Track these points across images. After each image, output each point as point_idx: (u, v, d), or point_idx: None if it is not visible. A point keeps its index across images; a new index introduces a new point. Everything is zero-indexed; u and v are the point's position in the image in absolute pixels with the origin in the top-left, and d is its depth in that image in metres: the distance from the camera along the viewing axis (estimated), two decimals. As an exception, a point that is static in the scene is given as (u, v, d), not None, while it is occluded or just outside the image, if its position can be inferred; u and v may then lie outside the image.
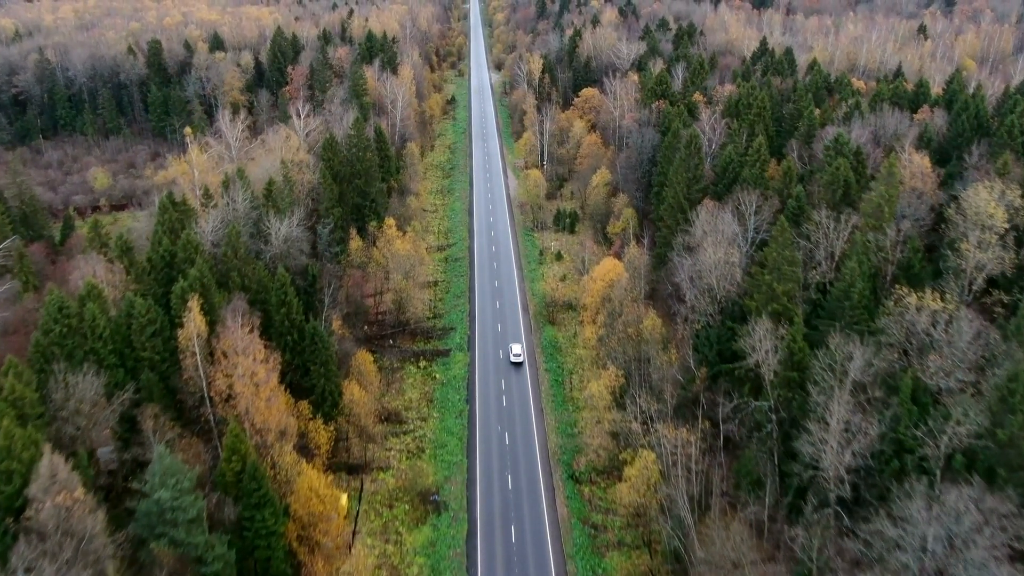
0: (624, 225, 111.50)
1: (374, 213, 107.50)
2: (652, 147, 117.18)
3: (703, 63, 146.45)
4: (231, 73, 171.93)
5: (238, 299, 59.98)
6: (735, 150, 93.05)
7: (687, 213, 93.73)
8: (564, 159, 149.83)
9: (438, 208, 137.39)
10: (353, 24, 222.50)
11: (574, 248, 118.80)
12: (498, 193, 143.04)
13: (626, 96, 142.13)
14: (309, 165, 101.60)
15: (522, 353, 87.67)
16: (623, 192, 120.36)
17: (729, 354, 65.49)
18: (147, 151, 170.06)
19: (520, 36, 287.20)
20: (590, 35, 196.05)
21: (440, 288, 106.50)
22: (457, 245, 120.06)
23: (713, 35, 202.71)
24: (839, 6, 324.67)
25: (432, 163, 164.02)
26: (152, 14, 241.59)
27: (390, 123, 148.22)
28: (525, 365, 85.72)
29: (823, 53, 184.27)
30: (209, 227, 74.16)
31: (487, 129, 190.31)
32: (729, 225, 73.00)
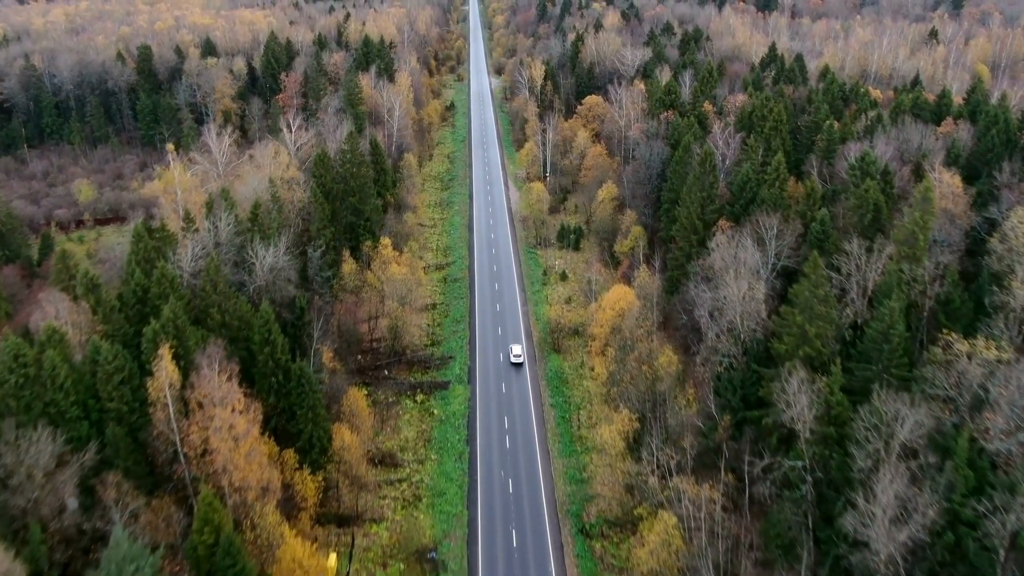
0: (632, 244, 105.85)
1: (369, 232, 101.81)
2: (661, 161, 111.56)
3: (712, 71, 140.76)
4: (222, 80, 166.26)
5: (214, 345, 54.22)
6: (752, 168, 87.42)
7: (701, 234, 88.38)
8: (567, 170, 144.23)
9: (436, 223, 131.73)
10: (349, 28, 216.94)
11: (579, 267, 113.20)
12: (499, 206, 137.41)
13: (632, 106, 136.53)
14: (300, 182, 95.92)
15: (522, 354, 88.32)
16: (630, 208, 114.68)
17: (755, 399, 59.88)
18: (135, 161, 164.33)
19: (520, 40, 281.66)
20: (593, 40, 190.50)
21: (439, 311, 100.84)
22: (456, 263, 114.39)
23: (720, 40, 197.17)
24: (844, 9, 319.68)
25: (430, 173, 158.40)
26: (144, 18, 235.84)
27: (387, 133, 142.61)
28: (530, 401, 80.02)
29: (833, 59, 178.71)
30: (188, 256, 68.45)
31: (487, 137, 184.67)
32: (751, 255, 67.26)
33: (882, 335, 55.75)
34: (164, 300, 61.56)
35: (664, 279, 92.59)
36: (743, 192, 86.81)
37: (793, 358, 56.15)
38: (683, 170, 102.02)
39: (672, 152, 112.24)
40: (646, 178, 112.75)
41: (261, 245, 72.79)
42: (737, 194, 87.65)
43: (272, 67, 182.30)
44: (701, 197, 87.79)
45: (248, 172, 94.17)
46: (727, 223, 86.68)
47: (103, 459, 52.28)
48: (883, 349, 55.68)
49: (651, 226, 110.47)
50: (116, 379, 53.49)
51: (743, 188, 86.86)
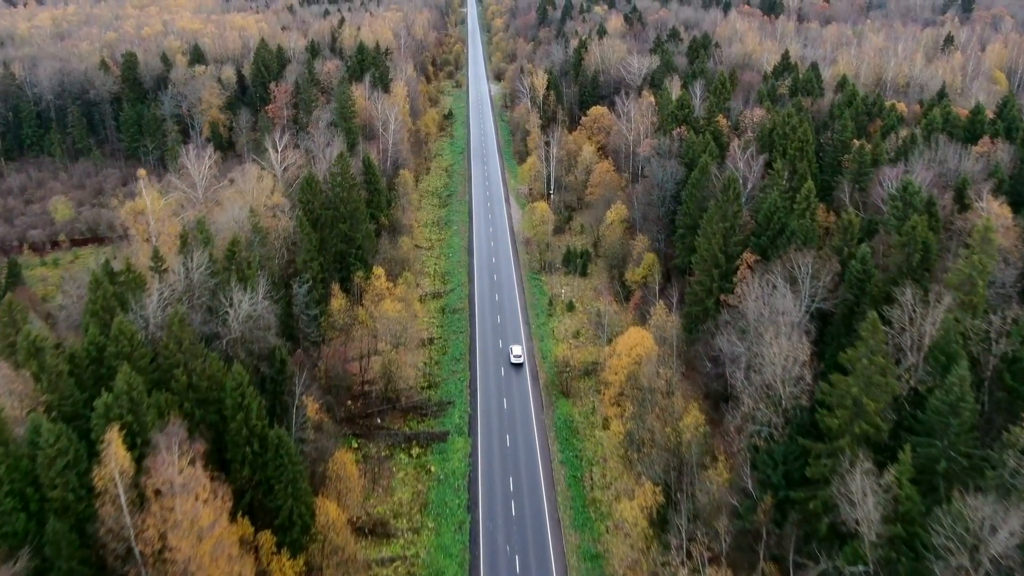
0: (645, 273, 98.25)
1: (361, 261, 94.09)
2: (675, 182, 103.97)
3: (724, 81, 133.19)
4: (209, 90, 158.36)
5: (175, 425, 46.50)
6: (779, 196, 79.83)
7: (723, 268, 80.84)
8: (572, 186, 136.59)
9: (434, 244, 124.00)
10: (344, 34, 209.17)
11: (587, 295, 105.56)
12: (500, 226, 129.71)
13: (641, 119, 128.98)
14: (285, 209, 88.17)
15: (522, 355, 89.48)
16: (642, 232, 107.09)
17: (799, 477, 52.25)
18: (118, 175, 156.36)
19: (520, 44, 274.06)
20: (597, 46, 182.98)
21: (436, 348, 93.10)
22: (456, 292, 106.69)
23: (728, 47, 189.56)
24: (851, 12, 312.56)
25: (428, 189, 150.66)
26: (131, 23, 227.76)
27: (381, 148, 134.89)
28: (538, 457, 72.27)
29: (848, 67, 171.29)
30: (155, 303, 60.68)
31: (487, 148, 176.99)
32: (790, 305, 59.65)
33: (949, 407, 48.15)
34: (123, 360, 53.94)
35: (682, 315, 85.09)
36: (770, 223, 79.20)
37: (846, 434, 48.53)
38: (700, 193, 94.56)
39: (687, 172, 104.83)
40: (658, 200, 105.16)
41: (238, 288, 65.02)
42: (763, 224, 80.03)
43: (262, 76, 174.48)
44: (723, 227, 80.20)
45: (229, 198, 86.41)
46: (752, 256, 79.22)
47: (43, 559, 44.64)
48: (950, 424, 48.12)
49: (664, 252, 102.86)
50: (59, 464, 45.67)
51: (770, 218, 79.25)
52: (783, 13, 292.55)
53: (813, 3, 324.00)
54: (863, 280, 67.53)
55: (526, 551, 61.25)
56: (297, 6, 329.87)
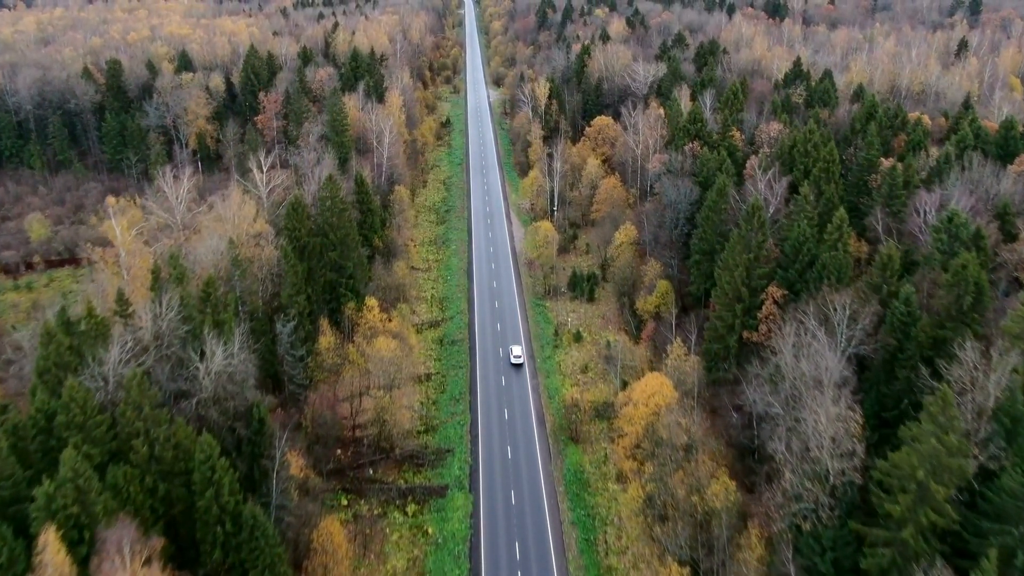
0: (658, 302, 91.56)
1: (352, 291, 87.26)
2: (689, 202, 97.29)
3: (737, 91, 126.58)
4: (196, 99, 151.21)
5: (124, 525, 39.66)
6: (808, 225, 73.10)
7: (747, 302, 74.16)
8: (577, 201, 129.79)
9: (431, 265, 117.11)
10: (337, 39, 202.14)
11: (595, 323, 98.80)
12: (501, 245, 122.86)
13: (650, 131, 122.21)
14: (270, 237, 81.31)
15: (522, 355, 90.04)
16: (653, 256, 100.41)
17: (850, 566, 45.50)
18: (99, 189, 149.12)
19: (520, 48, 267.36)
20: (600, 52, 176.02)
21: (434, 384, 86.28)
22: (455, 320, 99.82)
23: (737, 53, 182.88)
24: (856, 14, 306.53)
25: (425, 203, 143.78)
26: (117, 28, 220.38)
27: (375, 162, 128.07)
28: (547, 517, 65.42)
29: (861, 74, 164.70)
30: (115, 358, 53.78)
31: (486, 159, 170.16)
32: (832, 361, 52.93)
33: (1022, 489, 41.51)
34: (75, 431, 47.15)
35: (700, 352, 78.41)
36: (798, 254, 72.46)
37: (909, 523, 41.81)
38: (717, 217, 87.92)
39: (701, 192, 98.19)
40: (671, 222, 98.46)
41: (212, 336, 58.14)
42: (790, 256, 73.28)
43: (252, 84, 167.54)
44: (747, 259, 73.48)
45: (208, 226, 79.49)
46: (778, 290, 72.60)
47: None
48: None
49: (678, 278, 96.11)
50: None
51: (798, 249, 72.50)
52: (788, 16, 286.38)
53: (818, 5, 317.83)
54: (907, 323, 60.94)
55: (535, 636, 54.52)
56: (291, 9, 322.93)
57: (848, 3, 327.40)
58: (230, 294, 64.63)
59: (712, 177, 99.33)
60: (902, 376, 60.41)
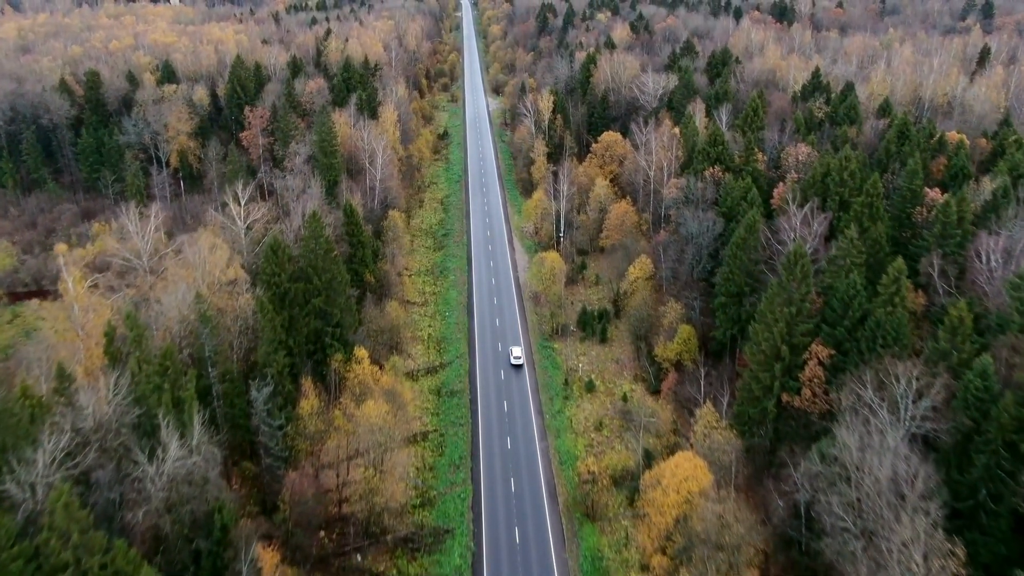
0: (680, 349, 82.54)
1: (339, 341, 78.11)
2: (711, 236, 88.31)
3: (757, 107, 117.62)
4: (177, 114, 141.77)
5: None
6: (857, 277, 64.04)
7: (787, 361, 65.12)
8: (584, 226, 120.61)
9: (428, 299, 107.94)
10: (330, 47, 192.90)
11: (608, 369, 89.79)
12: (504, 275, 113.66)
13: (664, 153, 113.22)
14: (245, 285, 72.13)
15: (522, 356, 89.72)
16: (671, 295, 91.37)
17: None
18: (74, 211, 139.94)
19: (520, 55, 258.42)
20: (606, 62, 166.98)
21: (431, 445, 77.17)
22: (454, 367, 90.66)
23: (749, 61, 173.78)
24: (866, 18, 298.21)
25: (421, 226, 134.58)
26: (100, 36, 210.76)
27: (367, 186, 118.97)
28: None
29: (882, 85, 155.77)
30: (47, 458, 44.58)
31: (486, 176, 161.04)
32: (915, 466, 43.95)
33: None
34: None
35: (732, 414, 69.38)
36: (847, 310, 63.41)
37: None
38: (745, 256, 78.97)
39: (726, 224, 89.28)
40: (693, 259, 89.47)
41: (168, 420, 48.97)
42: (838, 311, 64.19)
43: (238, 97, 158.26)
44: (788, 313, 64.41)
45: (175, 273, 70.27)
46: (824, 349, 63.62)
47: None
48: None
49: (700, 321, 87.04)
50: None
51: (847, 305, 63.45)
52: (797, 20, 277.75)
53: (826, 8, 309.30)
54: (984, 400, 52.03)
55: None
56: (283, 13, 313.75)
57: (857, 6, 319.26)
58: (191, 371, 55.31)
59: (736, 207, 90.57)
60: (980, 463, 51.61)
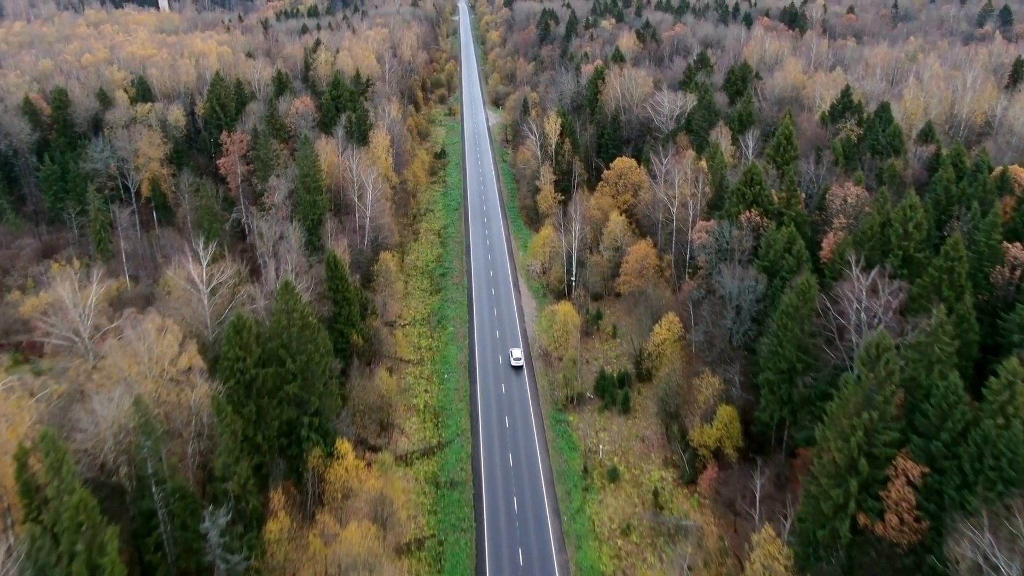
0: (720, 435, 70.23)
1: (318, 431, 65.65)
2: (753, 297, 76.01)
3: (790, 135, 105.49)
4: (147, 139, 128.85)
5: None
6: (954, 378, 51.71)
7: (865, 476, 52.82)
8: (598, 266, 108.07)
9: (424, 356, 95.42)
10: (319, 60, 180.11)
11: (633, 449, 77.44)
12: (509, 325, 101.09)
13: (688, 188, 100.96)
14: (201, 375, 59.63)
15: (522, 358, 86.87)
16: (706, 365, 79.08)
17: None
18: (35, 246, 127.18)
19: (521, 64, 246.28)
20: (616, 77, 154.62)
21: (428, 558, 64.55)
22: (454, 446, 78.13)
23: (770, 76, 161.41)
24: (879, 24, 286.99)
25: (416, 264, 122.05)
26: (74, 47, 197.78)
27: (357, 222, 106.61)
28: None
29: (915, 104, 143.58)
30: None
31: (487, 203, 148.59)
32: None
33: None
34: None
35: (793, 534, 57.10)
36: (944, 420, 51.13)
37: None
38: (796, 326, 66.76)
39: (768, 280, 77.01)
40: (732, 323, 77.14)
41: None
42: (934, 421, 51.85)
43: (218, 117, 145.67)
44: (868, 419, 52.11)
45: (115, 364, 57.69)
46: (914, 466, 51.41)
47: None
48: None
49: (742, 398, 74.62)
50: None
51: (944, 413, 51.17)
52: (808, 27, 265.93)
53: (838, 15, 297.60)
54: None
55: None
56: (273, 21, 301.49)
57: (869, 12, 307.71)
58: (111, 530, 42.64)
59: (779, 261, 78.38)
60: None
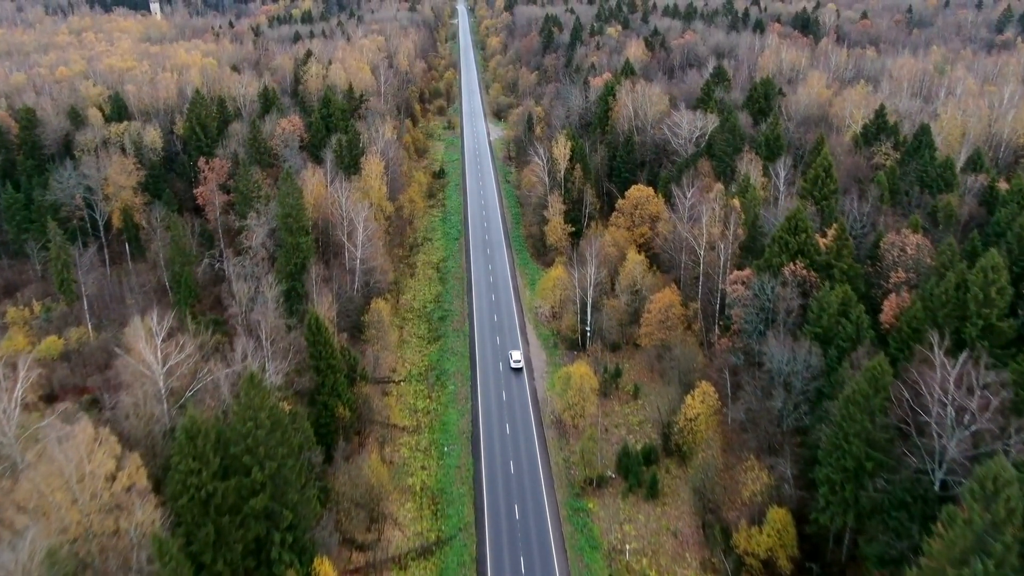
0: (771, 542, 59.06)
1: (292, 550, 54.41)
2: (808, 374, 64.83)
3: (830, 166, 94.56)
4: (117, 166, 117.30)
5: None
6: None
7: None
8: (614, 311, 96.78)
9: (421, 422, 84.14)
10: (309, 73, 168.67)
11: (665, 546, 66.18)
12: (517, 386, 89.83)
13: (718, 229, 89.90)
14: (144, 497, 48.37)
15: (522, 359, 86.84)
16: (748, 449, 67.88)
17: None
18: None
19: (523, 74, 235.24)
20: (627, 94, 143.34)
21: None
22: (455, 546, 66.66)
23: (793, 92, 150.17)
24: (895, 31, 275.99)
25: (413, 305, 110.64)
26: (50, 58, 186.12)
27: (347, 264, 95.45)
28: None
29: (952, 124, 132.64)
30: None
31: (490, 232, 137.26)
32: None
33: None
34: None
35: None
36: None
37: None
38: (865, 419, 55.60)
39: (823, 351, 65.92)
40: (782, 406, 65.94)
41: None
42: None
43: (197, 138, 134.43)
44: (982, 571, 40.94)
45: (35, 488, 46.40)
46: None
47: None
48: None
49: (795, 495, 63.38)
50: None
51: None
52: (821, 32, 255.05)
53: (851, 20, 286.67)
54: None
55: None
56: (265, 27, 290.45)
57: (883, 18, 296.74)
58: None
59: (834, 328, 67.34)
60: None
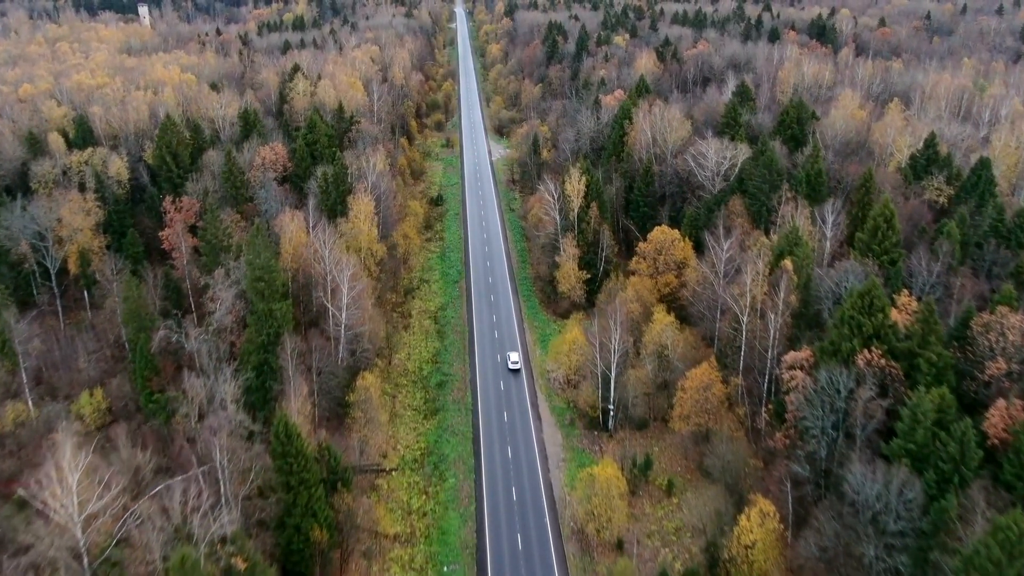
0: None
1: None
2: (903, 506, 51.29)
3: (891, 216, 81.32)
4: (71, 206, 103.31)
5: None
6: None
7: None
8: (639, 383, 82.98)
9: (415, 531, 70.04)
10: (295, 91, 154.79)
11: None
12: (530, 483, 76.03)
13: (760, 286, 76.45)
14: None
15: (520, 361, 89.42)
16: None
17: None
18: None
19: (526, 87, 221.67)
20: (645, 117, 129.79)
21: None
22: None
23: (819, 107, 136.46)
24: (915, 40, 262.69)
25: (407, 368, 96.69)
26: (16, 73, 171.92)
27: (330, 330, 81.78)
28: None
29: (1007, 152, 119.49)
30: None
31: (494, 271, 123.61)
32: None
33: None
34: None
35: None
36: None
37: None
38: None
39: (920, 476, 52.47)
40: (875, 549, 52.39)
41: None
42: None
43: (168, 168, 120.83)
44: None
45: None
46: None
47: None
48: None
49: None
50: None
51: None
52: (842, 43, 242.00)
53: (869, 28, 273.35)
54: None
55: None
56: (254, 34, 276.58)
57: (902, 25, 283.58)
58: None
59: (930, 444, 53.93)
60: None
